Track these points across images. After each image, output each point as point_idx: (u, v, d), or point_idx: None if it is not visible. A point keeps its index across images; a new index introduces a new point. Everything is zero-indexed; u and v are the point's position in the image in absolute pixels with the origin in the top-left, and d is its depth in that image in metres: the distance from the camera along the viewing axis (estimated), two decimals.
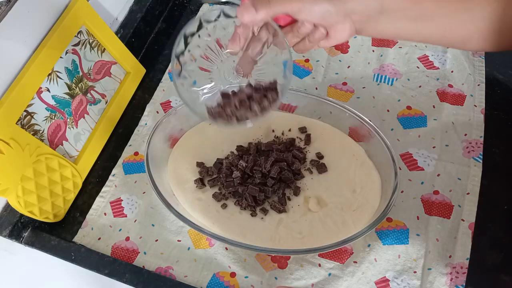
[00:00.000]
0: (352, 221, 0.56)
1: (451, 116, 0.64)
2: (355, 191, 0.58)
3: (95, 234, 0.61)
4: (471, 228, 0.55)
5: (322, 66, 0.73)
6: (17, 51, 0.56)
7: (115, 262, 0.57)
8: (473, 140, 0.62)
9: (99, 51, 0.68)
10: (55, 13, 0.61)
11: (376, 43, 0.74)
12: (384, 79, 0.70)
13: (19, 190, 0.56)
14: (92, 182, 0.66)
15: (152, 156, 0.60)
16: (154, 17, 0.81)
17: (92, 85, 0.67)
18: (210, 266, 0.56)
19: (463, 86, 0.67)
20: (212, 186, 0.61)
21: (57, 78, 0.61)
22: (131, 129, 0.71)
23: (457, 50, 0.70)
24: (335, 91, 0.70)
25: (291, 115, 0.67)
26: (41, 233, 0.60)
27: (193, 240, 0.58)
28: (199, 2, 0.85)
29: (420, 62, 0.71)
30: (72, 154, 0.65)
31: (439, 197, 0.58)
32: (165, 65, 0.78)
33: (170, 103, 0.72)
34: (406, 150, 0.62)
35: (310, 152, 0.63)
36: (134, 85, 0.75)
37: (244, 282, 0.55)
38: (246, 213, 0.58)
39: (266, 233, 0.56)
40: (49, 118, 0.60)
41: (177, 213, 0.55)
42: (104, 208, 0.63)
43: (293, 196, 0.59)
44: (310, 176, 0.61)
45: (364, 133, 0.61)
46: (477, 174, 0.59)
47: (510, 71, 0.68)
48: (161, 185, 0.58)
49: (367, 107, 0.67)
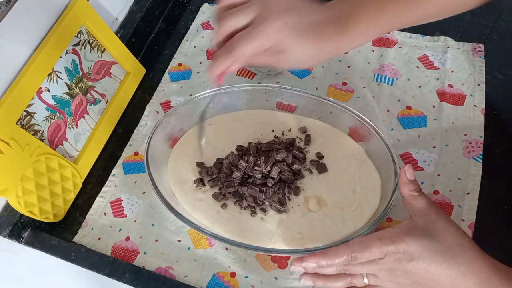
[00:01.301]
0: (352, 221, 0.56)
1: (451, 116, 0.64)
2: (355, 191, 0.58)
3: (95, 234, 0.61)
4: (471, 228, 0.55)
5: (322, 66, 0.73)
6: (17, 51, 0.56)
7: (115, 262, 0.57)
8: (473, 140, 0.62)
9: (99, 51, 0.68)
10: (55, 13, 0.61)
11: (376, 43, 0.74)
12: (384, 79, 0.70)
13: (19, 190, 0.56)
14: (92, 182, 0.66)
15: (152, 156, 0.60)
16: (154, 17, 0.81)
17: (92, 85, 0.67)
18: (210, 266, 0.56)
19: (463, 86, 0.67)
20: (212, 186, 0.61)
21: (57, 78, 0.61)
22: (131, 129, 0.71)
23: (457, 50, 0.70)
24: (335, 91, 0.70)
25: (291, 115, 0.67)
26: (41, 233, 0.60)
27: (193, 240, 0.58)
28: (199, 2, 0.86)
29: (420, 62, 0.71)
30: (72, 154, 0.65)
31: (439, 197, 0.58)
32: (165, 65, 0.78)
33: (170, 103, 0.72)
34: (406, 150, 0.62)
35: (310, 152, 0.63)
36: (134, 85, 0.75)
37: (244, 282, 0.55)
38: (246, 213, 0.58)
39: (266, 233, 0.56)
40: (49, 118, 0.60)
41: (177, 213, 0.55)
42: (104, 208, 0.63)
43: (293, 196, 0.59)
44: (310, 176, 0.61)
45: (364, 133, 0.61)
46: (477, 174, 0.59)
47: (510, 71, 0.68)
48: (161, 185, 0.58)
49: (367, 107, 0.67)
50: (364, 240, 0.45)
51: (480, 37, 0.72)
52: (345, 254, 0.45)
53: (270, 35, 0.44)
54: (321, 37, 0.45)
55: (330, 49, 0.46)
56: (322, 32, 0.45)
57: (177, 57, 0.78)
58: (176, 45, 0.80)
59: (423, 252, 0.43)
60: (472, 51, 0.70)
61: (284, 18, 0.44)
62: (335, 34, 0.45)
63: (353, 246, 0.45)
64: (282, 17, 0.44)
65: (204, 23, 0.82)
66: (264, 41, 0.44)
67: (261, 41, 0.44)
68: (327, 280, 0.48)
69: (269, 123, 0.66)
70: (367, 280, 0.47)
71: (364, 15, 0.46)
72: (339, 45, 0.46)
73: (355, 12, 0.46)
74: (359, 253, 0.45)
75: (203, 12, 0.84)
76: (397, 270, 0.44)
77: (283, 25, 0.44)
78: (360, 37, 0.47)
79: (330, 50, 0.46)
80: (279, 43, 0.44)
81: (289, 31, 0.44)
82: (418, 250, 0.43)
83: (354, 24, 0.46)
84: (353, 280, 0.47)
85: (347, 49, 0.47)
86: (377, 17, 0.46)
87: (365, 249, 0.45)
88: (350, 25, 0.46)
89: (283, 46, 0.45)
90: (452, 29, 0.73)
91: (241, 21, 0.45)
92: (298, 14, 0.45)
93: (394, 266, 0.44)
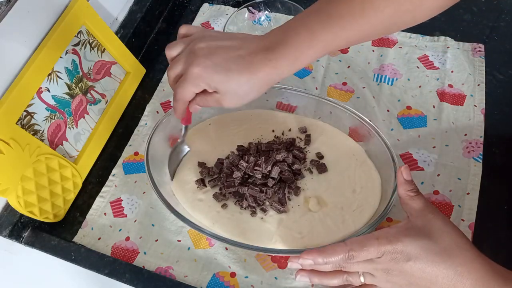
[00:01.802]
0: (352, 221, 0.56)
1: (451, 116, 0.64)
2: (355, 191, 0.58)
3: (95, 234, 0.61)
4: (471, 228, 0.55)
5: (322, 66, 0.73)
6: (17, 51, 0.56)
7: (115, 262, 0.57)
8: (473, 140, 0.62)
9: (99, 51, 0.68)
10: (55, 13, 0.61)
11: (376, 43, 0.74)
12: (384, 79, 0.70)
13: (19, 190, 0.56)
14: (92, 182, 0.66)
15: (152, 156, 0.60)
16: (154, 17, 0.81)
17: (92, 85, 0.67)
18: (210, 266, 0.56)
19: (463, 86, 0.67)
20: (213, 187, 0.61)
21: (57, 78, 0.61)
22: (131, 129, 0.71)
23: (457, 50, 0.70)
24: (335, 91, 0.70)
25: (291, 115, 0.67)
26: (41, 233, 0.60)
27: (193, 240, 0.58)
28: (199, 2, 0.86)
29: (420, 62, 0.71)
30: (72, 154, 0.65)
31: (439, 197, 0.58)
32: (165, 65, 0.78)
33: (170, 103, 0.72)
34: (406, 150, 0.62)
35: (310, 152, 0.63)
36: (134, 85, 0.75)
37: (244, 282, 0.55)
38: (246, 213, 0.58)
39: (266, 233, 0.56)
40: (49, 118, 0.60)
41: (177, 213, 0.55)
42: (104, 208, 0.63)
43: (293, 196, 0.59)
44: (310, 176, 0.61)
45: (364, 133, 0.61)
46: (477, 174, 0.59)
47: (510, 71, 0.68)
48: (161, 185, 0.58)
49: (367, 107, 0.67)
50: (362, 239, 0.46)
51: (480, 37, 0.72)
52: (342, 252, 0.45)
53: (197, 78, 0.47)
54: (250, 68, 0.46)
55: (263, 78, 0.47)
56: (250, 63, 0.46)
57: None
58: None
59: (420, 253, 0.43)
60: (472, 51, 0.70)
61: (210, 59, 0.46)
62: (263, 63, 0.46)
63: (350, 245, 0.45)
64: (208, 59, 0.46)
65: (204, 23, 0.82)
66: (194, 85, 0.47)
67: (191, 85, 0.47)
68: (324, 277, 0.48)
69: (269, 123, 0.66)
70: (364, 279, 0.47)
71: (295, 41, 0.46)
72: (270, 73, 0.47)
73: (286, 39, 0.46)
74: (356, 252, 0.45)
75: (203, 12, 0.84)
76: (394, 270, 0.44)
77: (208, 67, 0.46)
78: (292, 62, 0.47)
79: (263, 79, 0.47)
80: (210, 85, 0.47)
81: (214, 71, 0.46)
82: (416, 251, 0.43)
83: (284, 50, 0.46)
84: (350, 277, 0.47)
85: (282, 75, 0.47)
86: (310, 42, 0.46)
87: (362, 247, 0.45)
88: (280, 51, 0.46)
89: (214, 86, 0.47)
90: (452, 29, 0.73)
91: (176, 71, 0.49)
92: (227, 51, 0.47)
93: (391, 266, 0.44)
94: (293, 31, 0.47)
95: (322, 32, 0.46)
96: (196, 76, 0.47)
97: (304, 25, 0.47)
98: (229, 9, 0.83)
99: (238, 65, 0.46)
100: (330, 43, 0.47)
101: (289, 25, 0.48)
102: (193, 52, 0.47)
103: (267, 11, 0.77)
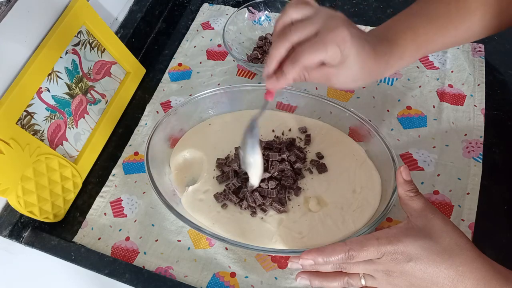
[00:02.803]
0: (352, 221, 0.56)
1: (451, 116, 0.64)
2: (355, 191, 0.58)
3: (95, 234, 0.61)
4: (471, 228, 0.55)
5: None
6: (17, 51, 0.56)
7: (115, 262, 0.57)
8: (473, 140, 0.62)
9: (99, 51, 0.68)
10: (55, 13, 0.61)
11: None
12: (384, 79, 0.70)
13: (19, 190, 0.56)
14: (92, 182, 0.66)
15: (152, 156, 0.60)
16: (154, 17, 0.82)
17: (92, 85, 0.67)
18: (210, 266, 0.56)
19: (463, 86, 0.67)
20: (221, 183, 0.61)
21: (57, 78, 0.61)
22: (131, 129, 0.71)
23: (457, 50, 0.70)
24: (335, 91, 0.70)
25: (291, 115, 0.67)
26: (41, 233, 0.60)
27: (193, 240, 0.58)
28: (199, 2, 0.86)
29: (420, 62, 0.71)
30: (72, 154, 0.65)
31: (439, 197, 0.58)
32: (165, 65, 0.78)
33: (170, 103, 0.72)
34: (406, 150, 0.62)
35: (310, 152, 0.63)
36: (134, 85, 0.75)
37: (244, 282, 0.55)
38: (246, 213, 0.58)
39: (266, 233, 0.56)
40: (49, 118, 0.60)
41: (177, 213, 0.55)
42: (104, 208, 0.63)
43: (293, 196, 0.59)
44: (310, 176, 0.61)
45: (364, 133, 0.61)
46: (477, 174, 0.59)
47: (510, 71, 0.68)
48: (161, 185, 0.58)
49: (367, 107, 0.67)
50: (362, 239, 0.46)
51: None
52: (342, 251, 0.45)
53: (341, 43, 0.42)
54: (376, 53, 0.47)
55: (379, 68, 0.48)
56: (377, 49, 0.47)
57: (177, 57, 0.78)
58: (176, 45, 0.80)
59: (421, 253, 0.43)
60: (472, 51, 0.70)
61: (350, 29, 0.44)
62: (386, 52, 0.48)
63: (350, 244, 0.45)
64: (349, 28, 0.44)
65: (204, 23, 0.82)
66: (331, 49, 0.42)
67: (329, 48, 0.42)
68: (324, 280, 0.48)
69: (269, 123, 0.66)
70: (364, 281, 0.47)
71: (403, 39, 0.49)
72: (388, 64, 0.48)
73: (396, 37, 0.49)
74: (356, 252, 0.45)
75: (203, 12, 0.84)
76: (394, 271, 0.44)
77: (351, 35, 0.43)
78: (400, 60, 0.49)
79: (379, 68, 0.48)
80: (343, 53, 0.43)
81: (355, 41, 0.44)
82: (417, 251, 0.43)
83: (397, 47, 0.48)
84: (350, 280, 0.47)
85: (391, 70, 0.49)
86: (415, 42, 0.49)
87: (362, 247, 0.45)
88: (394, 47, 0.48)
89: (345, 57, 0.44)
90: None
91: (307, 33, 0.43)
92: (358, 29, 0.46)
93: (391, 267, 0.44)
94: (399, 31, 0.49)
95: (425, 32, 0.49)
96: (339, 41, 0.42)
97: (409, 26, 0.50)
98: (229, 9, 0.83)
99: (370, 45, 0.46)
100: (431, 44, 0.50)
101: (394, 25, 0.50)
102: (333, 18, 0.43)
103: (267, 11, 0.77)
